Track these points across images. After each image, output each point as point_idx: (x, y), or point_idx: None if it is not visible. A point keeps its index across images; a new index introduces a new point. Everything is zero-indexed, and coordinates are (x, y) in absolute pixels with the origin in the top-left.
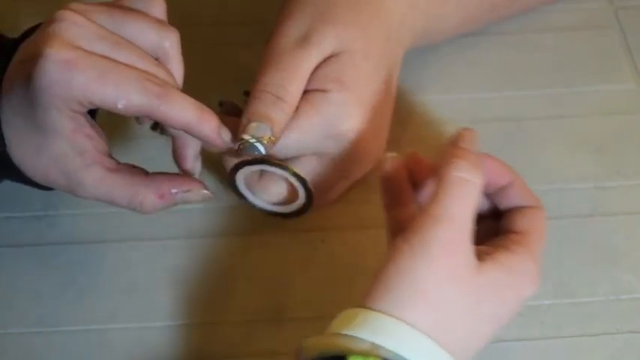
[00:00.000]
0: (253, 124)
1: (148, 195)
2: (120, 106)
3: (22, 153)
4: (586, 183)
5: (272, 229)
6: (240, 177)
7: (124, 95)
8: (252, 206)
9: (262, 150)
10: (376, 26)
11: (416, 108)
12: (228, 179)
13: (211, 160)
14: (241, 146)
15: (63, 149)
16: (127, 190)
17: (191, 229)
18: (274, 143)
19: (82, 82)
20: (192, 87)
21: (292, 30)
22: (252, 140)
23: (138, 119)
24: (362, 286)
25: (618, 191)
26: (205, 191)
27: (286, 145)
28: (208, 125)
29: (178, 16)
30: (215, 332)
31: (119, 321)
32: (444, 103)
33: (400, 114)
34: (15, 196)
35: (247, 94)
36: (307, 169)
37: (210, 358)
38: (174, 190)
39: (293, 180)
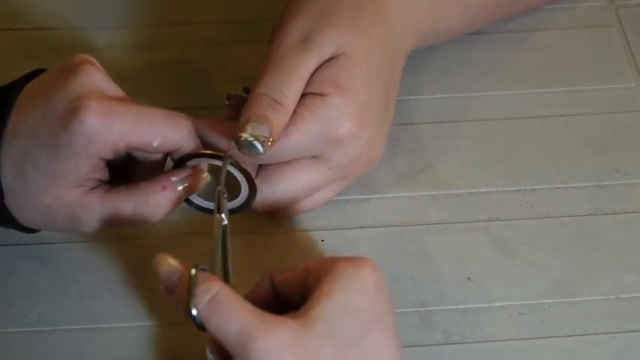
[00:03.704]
0: (252, 124)
1: (151, 191)
2: (155, 144)
3: (20, 197)
4: (587, 182)
5: (272, 229)
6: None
7: (158, 133)
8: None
9: (261, 149)
10: (378, 29)
11: (416, 108)
12: None
13: None
14: (239, 144)
15: (69, 186)
16: (131, 194)
17: (191, 229)
18: (272, 144)
19: (121, 128)
20: (193, 86)
21: (294, 31)
22: (251, 139)
23: None
24: None
25: (619, 190)
26: (205, 173)
27: (284, 149)
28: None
29: (179, 15)
30: None
31: (119, 320)
32: (444, 102)
33: (400, 114)
34: None
35: (247, 90)
36: (305, 171)
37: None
38: (174, 179)
39: (234, 171)
